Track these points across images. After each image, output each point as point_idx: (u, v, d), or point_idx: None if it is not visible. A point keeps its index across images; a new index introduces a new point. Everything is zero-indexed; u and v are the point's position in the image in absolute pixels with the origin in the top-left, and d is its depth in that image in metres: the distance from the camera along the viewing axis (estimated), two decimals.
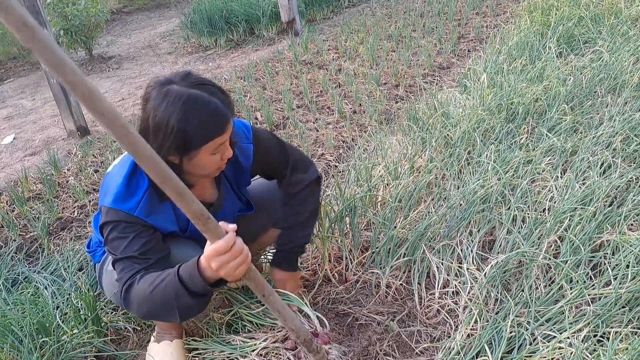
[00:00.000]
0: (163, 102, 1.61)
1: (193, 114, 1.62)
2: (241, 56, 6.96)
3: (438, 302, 2.27)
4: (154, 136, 1.65)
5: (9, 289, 2.67)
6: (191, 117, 1.62)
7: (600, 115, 3.32)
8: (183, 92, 1.62)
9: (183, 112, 1.60)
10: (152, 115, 1.63)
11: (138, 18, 10.47)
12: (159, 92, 1.64)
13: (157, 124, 1.62)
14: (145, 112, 1.67)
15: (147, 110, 1.65)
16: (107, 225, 1.82)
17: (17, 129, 5.46)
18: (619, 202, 2.57)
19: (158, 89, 1.65)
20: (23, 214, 3.46)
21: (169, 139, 1.63)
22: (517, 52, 4.55)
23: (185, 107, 1.61)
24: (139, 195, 1.80)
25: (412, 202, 2.75)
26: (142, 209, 1.80)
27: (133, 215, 1.79)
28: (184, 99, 1.61)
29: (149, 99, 1.66)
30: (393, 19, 7.28)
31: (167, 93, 1.62)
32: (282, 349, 2.08)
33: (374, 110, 4.37)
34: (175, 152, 1.68)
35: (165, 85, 1.65)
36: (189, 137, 1.64)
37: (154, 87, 1.67)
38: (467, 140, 3.20)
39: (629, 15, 4.98)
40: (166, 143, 1.64)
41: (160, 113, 1.61)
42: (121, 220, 1.79)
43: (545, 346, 1.87)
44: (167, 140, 1.63)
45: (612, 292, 2.00)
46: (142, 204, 1.80)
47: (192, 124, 1.62)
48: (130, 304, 1.77)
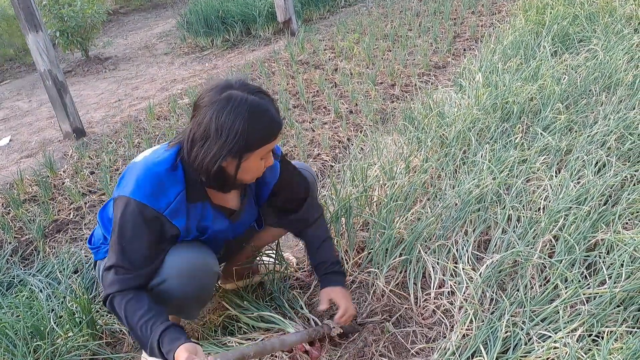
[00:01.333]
0: (227, 106, 1.67)
1: (255, 118, 1.70)
2: (237, 56, 6.96)
3: (434, 302, 2.27)
4: (215, 138, 1.69)
5: (4, 292, 2.66)
6: (255, 122, 1.69)
7: (594, 114, 3.32)
8: (246, 98, 1.70)
9: (248, 116, 1.68)
10: (215, 118, 1.67)
11: (134, 19, 10.46)
12: (220, 96, 1.69)
13: (221, 126, 1.67)
14: (203, 116, 1.70)
15: (209, 114, 1.69)
16: (123, 218, 1.76)
17: (12, 131, 5.45)
18: (614, 201, 2.57)
19: (217, 93, 1.70)
20: (18, 216, 3.46)
21: (232, 141, 1.68)
22: (512, 51, 4.55)
23: (250, 111, 1.68)
24: (172, 195, 1.79)
25: (407, 202, 2.75)
26: (172, 209, 1.79)
27: (162, 214, 1.78)
28: (248, 104, 1.69)
29: (208, 102, 1.70)
30: (389, 19, 7.28)
31: (229, 98, 1.69)
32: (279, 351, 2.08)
33: (370, 110, 4.37)
34: (234, 155, 1.72)
35: (225, 89, 1.71)
36: (251, 140, 1.71)
37: (211, 90, 1.73)
38: (463, 140, 3.20)
39: (624, 13, 4.98)
40: (228, 145, 1.69)
41: (225, 116, 1.67)
42: (144, 218, 1.76)
43: (540, 346, 1.87)
44: (230, 142, 1.68)
45: (606, 292, 1.99)
46: (173, 204, 1.79)
47: (255, 127, 1.70)
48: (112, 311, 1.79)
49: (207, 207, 1.91)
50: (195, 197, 1.85)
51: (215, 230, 1.97)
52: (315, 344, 2.10)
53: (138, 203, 1.74)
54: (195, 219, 1.89)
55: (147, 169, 1.78)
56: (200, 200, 1.87)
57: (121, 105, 5.73)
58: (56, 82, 4.56)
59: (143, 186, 1.75)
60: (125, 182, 1.80)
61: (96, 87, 6.62)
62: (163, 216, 1.78)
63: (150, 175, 1.77)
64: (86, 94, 6.38)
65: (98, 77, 7.08)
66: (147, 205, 1.74)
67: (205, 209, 1.90)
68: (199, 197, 1.86)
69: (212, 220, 1.94)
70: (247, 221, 2.12)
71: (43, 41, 4.45)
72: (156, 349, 1.68)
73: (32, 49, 4.50)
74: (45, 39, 4.47)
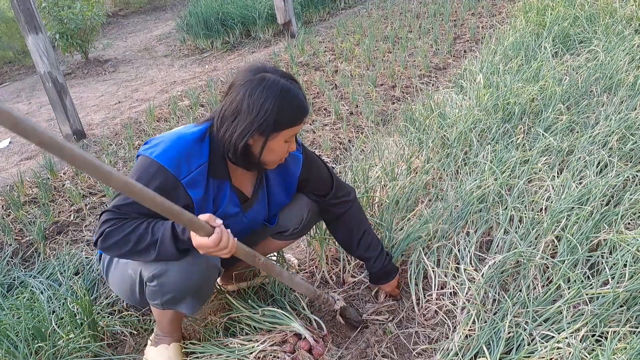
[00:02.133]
0: (260, 86, 1.75)
1: (286, 100, 1.77)
2: (237, 58, 6.96)
3: (436, 303, 2.26)
4: (246, 114, 1.75)
5: (5, 294, 2.65)
6: (284, 102, 1.77)
7: (596, 114, 3.32)
8: (279, 80, 1.78)
9: (280, 96, 1.76)
10: (248, 95, 1.75)
11: (134, 21, 10.46)
12: (254, 77, 1.77)
13: (253, 104, 1.75)
14: (236, 93, 1.78)
15: (241, 91, 1.77)
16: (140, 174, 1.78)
17: (13, 133, 5.44)
18: (616, 201, 2.56)
19: (251, 74, 1.78)
20: (19, 218, 3.45)
21: (262, 118, 1.75)
22: (513, 52, 4.55)
23: (281, 92, 1.77)
24: (195, 166, 1.83)
25: (409, 203, 2.75)
26: (191, 179, 1.82)
27: (179, 181, 1.80)
28: (280, 85, 1.77)
29: (241, 81, 1.78)
30: (389, 20, 7.28)
31: (263, 79, 1.77)
32: (280, 352, 2.07)
33: (370, 112, 4.37)
34: (261, 132, 1.78)
35: (259, 72, 1.79)
36: (280, 119, 1.78)
37: (248, 72, 1.80)
38: (464, 141, 3.20)
39: (624, 14, 4.99)
40: (258, 121, 1.75)
41: (257, 94, 1.75)
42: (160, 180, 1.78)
43: (543, 346, 1.87)
44: (260, 119, 1.75)
45: (609, 292, 1.99)
46: (194, 174, 1.82)
47: (284, 108, 1.77)
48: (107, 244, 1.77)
49: (226, 186, 1.94)
50: (217, 173, 1.90)
51: (226, 212, 1.98)
52: (319, 342, 2.09)
53: (159, 165, 1.78)
54: (212, 194, 1.92)
55: (175, 137, 1.84)
56: (221, 177, 1.91)
57: (121, 107, 5.72)
58: (56, 84, 4.56)
59: (169, 151, 1.80)
60: (153, 144, 1.84)
61: (96, 89, 6.62)
62: (180, 183, 1.81)
63: (177, 142, 1.82)
64: (86, 96, 6.37)
65: (98, 79, 7.07)
66: (168, 170, 1.78)
67: (224, 187, 1.94)
68: (220, 174, 1.91)
69: (227, 201, 1.96)
70: (257, 217, 2.12)
71: (43, 43, 4.45)
72: (169, 237, 1.73)
73: (32, 51, 4.49)
74: (46, 41, 4.47)
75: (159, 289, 1.86)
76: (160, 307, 1.97)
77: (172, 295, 1.89)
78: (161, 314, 2.06)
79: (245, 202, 2.05)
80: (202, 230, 1.60)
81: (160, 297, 1.91)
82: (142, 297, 1.98)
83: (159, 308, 1.98)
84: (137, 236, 1.75)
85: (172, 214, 1.43)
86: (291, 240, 2.37)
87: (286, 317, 2.15)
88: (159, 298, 1.91)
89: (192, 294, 1.93)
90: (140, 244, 1.75)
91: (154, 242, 1.75)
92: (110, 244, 1.76)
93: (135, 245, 1.76)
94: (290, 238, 2.32)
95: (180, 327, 2.20)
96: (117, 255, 1.84)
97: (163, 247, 1.75)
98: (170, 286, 1.85)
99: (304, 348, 2.07)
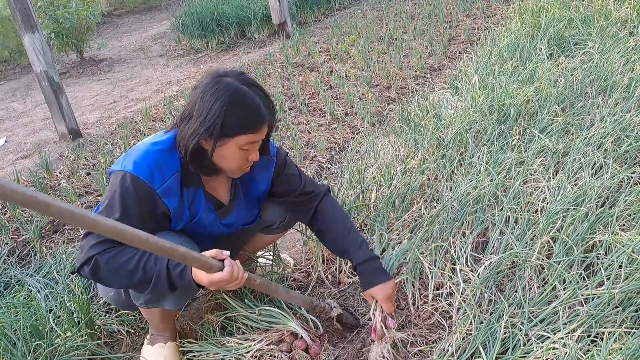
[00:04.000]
0: (213, 88, 1.74)
1: (237, 105, 1.74)
2: (232, 58, 6.96)
3: (432, 304, 2.27)
4: (197, 116, 1.75)
5: (2, 292, 2.65)
6: (234, 107, 1.74)
7: (591, 116, 3.34)
8: (233, 84, 1.76)
9: (228, 100, 1.73)
10: (200, 98, 1.75)
11: (129, 21, 10.44)
12: (212, 80, 1.77)
13: (203, 106, 1.74)
14: (193, 95, 1.79)
15: (196, 94, 1.78)
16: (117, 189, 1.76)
17: (8, 132, 5.43)
18: (611, 202, 2.58)
19: (212, 78, 1.78)
20: (15, 217, 3.45)
21: (210, 120, 1.73)
22: (508, 54, 4.57)
23: (232, 97, 1.74)
24: (167, 175, 1.82)
25: (405, 204, 2.76)
26: (165, 188, 1.82)
27: (154, 191, 1.79)
28: (233, 90, 1.74)
29: (201, 85, 1.79)
30: (384, 21, 7.30)
31: (219, 82, 1.76)
32: (277, 351, 2.08)
33: (366, 112, 4.38)
34: (210, 135, 1.75)
35: (219, 76, 1.79)
36: (227, 123, 1.74)
37: (208, 76, 1.81)
38: (459, 142, 3.21)
39: (619, 17, 5.01)
40: (205, 124, 1.73)
41: (208, 97, 1.74)
42: (137, 191, 1.77)
43: (539, 347, 1.88)
44: (208, 121, 1.73)
45: (605, 293, 2.00)
46: (167, 183, 1.82)
47: (233, 112, 1.74)
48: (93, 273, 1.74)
49: (199, 193, 1.93)
50: (189, 182, 1.89)
51: (202, 219, 1.97)
52: (315, 341, 2.10)
53: (133, 177, 1.77)
54: (187, 202, 1.91)
55: (145, 148, 1.82)
56: (194, 185, 1.90)
57: (116, 107, 5.72)
58: (52, 83, 4.55)
59: (140, 163, 1.79)
60: (123, 159, 1.83)
61: (91, 88, 6.60)
62: (155, 193, 1.80)
63: (148, 154, 1.81)
64: (81, 95, 6.36)
65: (93, 78, 7.06)
66: (142, 180, 1.77)
67: (198, 195, 1.93)
68: (193, 182, 1.90)
69: (202, 208, 1.95)
70: (236, 222, 2.11)
71: (39, 42, 4.44)
72: (164, 275, 1.72)
73: (28, 50, 4.48)
74: (42, 40, 4.46)
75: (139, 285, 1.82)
76: (145, 307, 1.98)
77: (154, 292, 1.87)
78: (150, 313, 2.06)
79: (220, 208, 2.04)
80: (213, 269, 1.62)
81: (143, 297, 1.92)
82: (129, 300, 2.00)
83: (144, 307, 1.99)
84: (128, 272, 1.73)
85: (176, 256, 1.46)
86: (280, 234, 2.38)
87: (283, 316, 2.16)
88: (141, 298, 1.93)
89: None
90: (132, 280, 1.75)
91: (147, 281, 1.74)
92: (100, 277, 1.75)
93: (127, 280, 1.75)
94: (278, 231, 2.33)
95: (174, 326, 2.20)
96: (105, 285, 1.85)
97: (157, 288, 1.75)
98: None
99: (300, 347, 2.08)
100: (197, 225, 1.98)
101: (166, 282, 1.73)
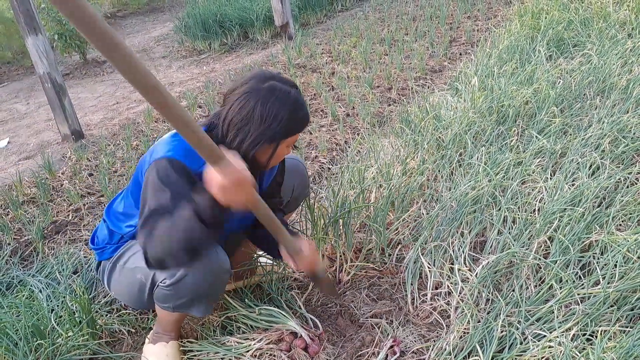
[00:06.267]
0: (273, 96, 1.83)
1: (295, 110, 1.87)
2: (235, 60, 6.98)
3: (430, 303, 2.29)
4: (258, 124, 1.83)
5: (4, 292, 2.68)
6: (294, 112, 1.87)
7: (589, 117, 3.36)
8: (289, 91, 1.88)
9: (290, 107, 1.86)
10: (261, 105, 1.82)
11: (132, 22, 10.47)
12: (263, 85, 1.85)
13: (267, 114, 1.83)
14: (245, 100, 1.83)
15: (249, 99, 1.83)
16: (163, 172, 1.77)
17: (11, 133, 5.46)
18: (608, 202, 2.60)
19: (260, 81, 1.86)
20: (17, 218, 3.47)
21: (275, 128, 1.84)
22: (508, 56, 4.58)
23: (292, 104, 1.86)
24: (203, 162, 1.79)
25: (404, 204, 2.78)
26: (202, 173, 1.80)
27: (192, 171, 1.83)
28: (292, 97, 1.87)
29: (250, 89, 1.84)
30: (386, 23, 7.32)
31: (274, 88, 1.85)
32: (277, 350, 2.10)
33: (366, 113, 4.40)
34: (273, 139, 1.87)
35: (268, 80, 1.87)
36: (290, 127, 1.88)
37: (252, 78, 1.88)
38: (459, 143, 3.23)
39: (617, 19, 5.03)
40: (271, 131, 1.84)
41: (270, 104, 1.83)
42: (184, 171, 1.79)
43: (535, 345, 1.90)
44: (274, 128, 1.84)
45: (600, 292, 2.02)
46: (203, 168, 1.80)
47: (293, 117, 1.87)
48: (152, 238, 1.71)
49: None
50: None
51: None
52: (315, 341, 2.12)
53: (174, 160, 1.80)
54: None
55: (174, 137, 1.87)
56: None
57: (119, 108, 5.74)
58: (55, 85, 4.58)
59: (177, 149, 1.83)
60: (156, 151, 1.86)
61: (94, 90, 6.63)
62: (195, 175, 1.83)
63: (180, 141, 1.84)
64: (84, 96, 6.39)
65: (96, 80, 7.09)
66: (183, 162, 1.81)
67: None
68: None
69: None
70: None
71: (43, 44, 4.47)
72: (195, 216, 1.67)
73: (31, 52, 4.51)
74: (45, 42, 4.49)
75: (174, 293, 1.90)
76: (170, 310, 1.99)
77: (188, 299, 1.93)
78: (167, 315, 2.07)
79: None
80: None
81: (174, 301, 1.94)
82: (150, 300, 2.02)
83: (169, 311, 2.00)
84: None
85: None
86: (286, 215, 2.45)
87: (282, 315, 2.18)
88: (171, 302, 1.95)
89: (207, 297, 1.97)
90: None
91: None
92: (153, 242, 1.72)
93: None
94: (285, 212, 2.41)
95: (180, 327, 2.23)
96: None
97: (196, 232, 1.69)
98: (186, 291, 1.89)
99: (300, 346, 2.11)
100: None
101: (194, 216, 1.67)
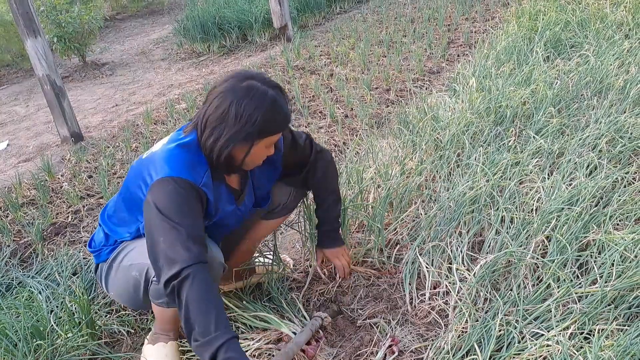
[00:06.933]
0: (248, 95, 1.80)
1: (271, 111, 1.83)
2: (234, 62, 7.00)
3: (429, 303, 2.30)
4: (233, 123, 1.80)
5: (3, 293, 2.68)
6: (270, 113, 1.82)
7: (586, 117, 3.37)
8: (267, 91, 1.83)
9: (266, 107, 1.81)
10: (236, 104, 1.79)
11: (131, 25, 10.48)
12: (241, 84, 1.82)
13: (241, 114, 1.79)
14: (222, 99, 1.81)
15: (225, 98, 1.81)
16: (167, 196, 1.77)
17: (10, 136, 5.47)
18: (605, 202, 2.60)
19: (238, 80, 1.83)
20: (17, 220, 3.48)
21: (250, 127, 1.80)
22: (505, 57, 4.59)
23: (268, 104, 1.82)
24: (202, 172, 1.86)
25: (402, 204, 2.79)
26: (204, 184, 1.86)
27: (198, 186, 1.84)
28: (268, 97, 1.82)
29: (228, 88, 1.82)
30: (384, 25, 7.33)
31: (251, 87, 1.81)
32: (275, 350, 2.11)
33: (365, 114, 4.41)
34: (247, 139, 1.83)
35: (246, 79, 1.84)
36: (263, 129, 1.83)
37: (232, 78, 1.85)
38: (457, 143, 3.24)
39: (614, 20, 5.04)
40: (245, 131, 1.80)
41: (245, 103, 1.79)
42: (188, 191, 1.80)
43: (533, 344, 1.90)
44: (248, 128, 1.80)
45: (598, 290, 2.03)
46: (204, 179, 1.86)
47: (269, 118, 1.82)
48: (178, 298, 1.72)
49: (222, 187, 2.00)
50: (218, 176, 1.96)
51: (226, 212, 2.05)
52: (312, 343, 2.13)
53: (178, 179, 1.80)
54: (216, 197, 1.97)
55: (171, 151, 1.86)
56: (219, 179, 1.97)
57: (118, 110, 5.76)
58: (54, 87, 4.59)
59: (176, 164, 1.83)
60: (153, 170, 1.84)
61: (93, 92, 6.65)
62: (200, 188, 1.85)
63: (178, 154, 1.85)
64: (83, 99, 6.40)
65: (95, 82, 7.10)
66: (185, 179, 1.81)
67: (221, 188, 1.99)
68: (219, 176, 1.97)
69: (224, 201, 2.02)
70: (248, 205, 2.19)
71: (42, 46, 4.48)
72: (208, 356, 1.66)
73: (30, 55, 4.52)
74: (44, 45, 4.50)
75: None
76: (165, 306, 2.00)
77: None
78: (163, 312, 2.07)
79: (238, 197, 2.11)
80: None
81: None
82: (146, 298, 2.02)
83: (163, 306, 2.01)
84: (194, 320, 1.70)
85: None
86: (282, 218, 2.44)
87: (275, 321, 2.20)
88: (163, 297, 1.94)
89: None
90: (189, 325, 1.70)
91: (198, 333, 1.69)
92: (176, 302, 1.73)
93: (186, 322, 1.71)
94: (281, 215, 2.40)
95: (178, 326, 2.23)
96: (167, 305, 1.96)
97: (201, 348, 1.68)
98: None
99: None
100: (220, 219, 2.05)
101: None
